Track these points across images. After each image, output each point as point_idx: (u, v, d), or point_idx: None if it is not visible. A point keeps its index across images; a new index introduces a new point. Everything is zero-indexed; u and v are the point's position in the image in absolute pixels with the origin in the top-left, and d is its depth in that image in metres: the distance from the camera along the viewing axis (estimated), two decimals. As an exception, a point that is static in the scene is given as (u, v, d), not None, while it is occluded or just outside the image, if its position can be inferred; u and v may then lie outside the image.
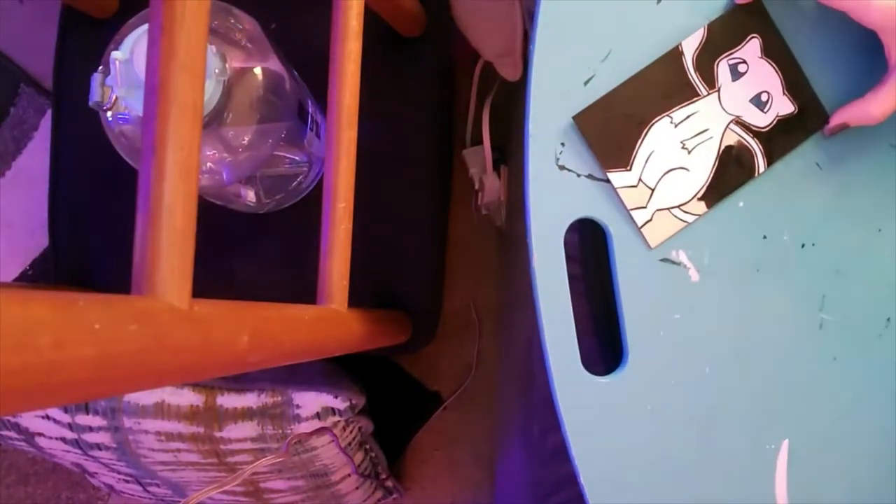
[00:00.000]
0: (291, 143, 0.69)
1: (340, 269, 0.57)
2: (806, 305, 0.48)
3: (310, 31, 0.69)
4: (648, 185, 0.47)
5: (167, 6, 0.35)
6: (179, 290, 0.35)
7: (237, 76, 0.59)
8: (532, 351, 0.62)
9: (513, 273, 0.79)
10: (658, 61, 0.46)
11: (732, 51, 0.47)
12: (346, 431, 0.81)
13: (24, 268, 1.08)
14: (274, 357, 0.46)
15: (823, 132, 0.47)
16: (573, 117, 0.46)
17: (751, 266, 0.47)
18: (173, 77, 0.35)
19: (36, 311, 0.25)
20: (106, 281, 0.83)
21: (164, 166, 0.34)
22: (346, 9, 0.56)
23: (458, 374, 1.07)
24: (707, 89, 0.47)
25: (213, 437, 0.77)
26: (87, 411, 0.78)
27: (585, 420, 0.47)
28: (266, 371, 0.78)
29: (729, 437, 0.47)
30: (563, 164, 0.47)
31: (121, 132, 0.59)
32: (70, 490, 1.19)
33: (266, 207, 0.76)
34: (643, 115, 0.47)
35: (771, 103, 0.47)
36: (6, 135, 1.08)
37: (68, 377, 0.26)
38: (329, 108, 0.57)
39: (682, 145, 0.47)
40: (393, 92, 0.78)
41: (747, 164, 0.47)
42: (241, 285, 0.79)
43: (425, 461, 1.10)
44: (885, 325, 0.48)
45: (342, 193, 0.56)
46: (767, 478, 0.47)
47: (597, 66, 0.46)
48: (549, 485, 0.60)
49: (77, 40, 0.82)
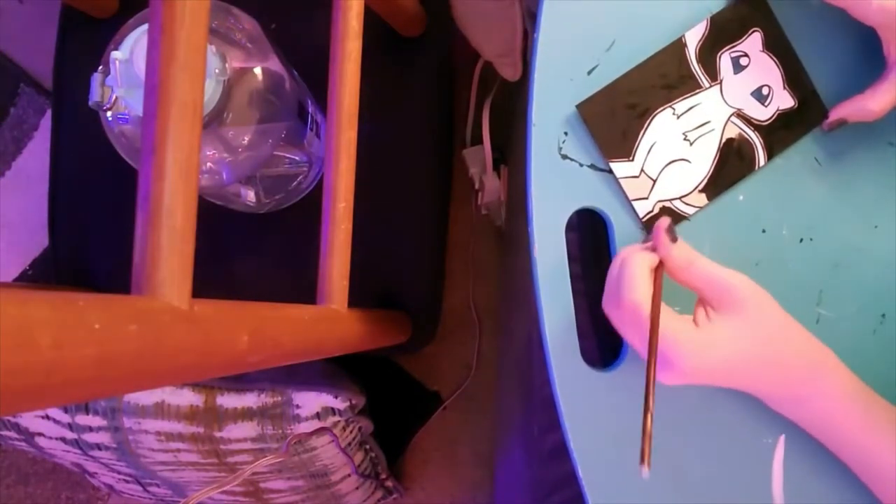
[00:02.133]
0: (291, 143, 0.69)
1: (340, 269, 0.57)
2: (803, 300, 0.48)
3: (310, 31, 0.69)
4: (650, 176, 0.47)
5: (167, 6, 0.35)
6: (179, 290, 0.35)
7: (237, 76, 0.59)
8: (531, 351, 0.62)
9: (513, 273, 0.80)
10: (661, 52, 0.46)
11: (735, 44, 0.47)
12: (346, 431, 0.81)
13: (24, 268, 1.08)
14: (274, 357, 0.46)
15: (822, 127, 0.47)
16: (576, 106, 0.46)
17: (750, 259, 0.47)
18: (173, 77, 0.35)
19: (36, 310, 0.25)
20: (106, 281, 0.83)
21: (164, 166, 0.34)
22: (346, 9, 0.56)
23: (458, 374, 1.07)
24: (709, 81, 0.47)
25: (213, 437, 0.77)
26: (87, 411, 0.78)
27: (584, 413, 0.47)
28: (266, 371, 0.78)
29: (726, 432, 0.47)
30: (566, 154, 0.47)
31: (121, 132, 0.59)
32: (70, 490, 1.19)
33: (266, 207, 0.76)
34: (646, 106, 0.47)
35: (772, 97, 0.47)
36: (6, 135, 1.08)
37: (68, 377, 0.26)
38: (329, 108, 0.57)
39: (683, 137, 0.47)
40: (393, 92, 0.78)
41: (748, 157, 0.47)
42: (241, 285, 0.79)
43: (425, 461, 1.10)
44: (881, 320, 0.48)
45: (342, 193, 0.56)
46: (764, 471, 0.47)
47: (601, 55, 0.46)
48: (549, 484, 0.60)
49: (77, 40, 0.82)
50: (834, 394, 0.41)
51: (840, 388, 0.42)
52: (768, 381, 0.42)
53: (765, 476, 0.47)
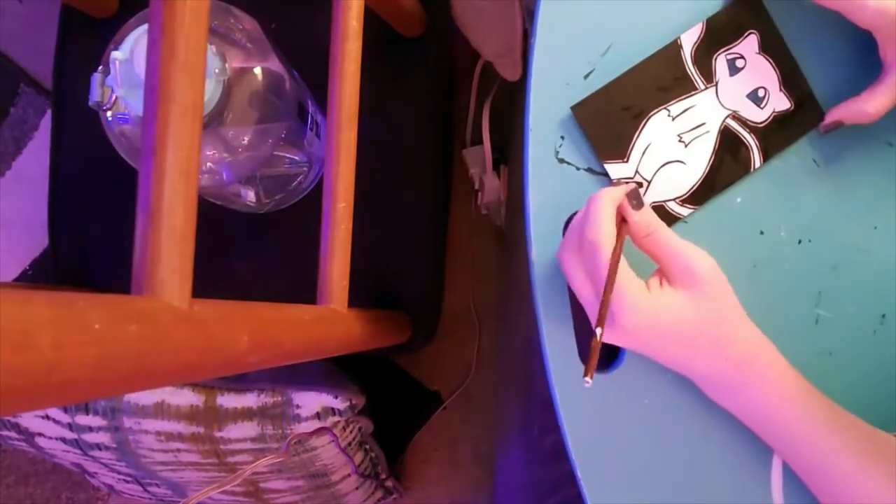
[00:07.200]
0: (291, 143, 0.69)
1: (340, 269, 0.57)
2: (802, 301, 0.48)
3: (310, 31, 0.69)
4: (645, 178, 0.47)
5: (167, 6, 0.35)
6: (179, 290, 0.35)
7: (237, 76, 0.59)
8: (531, 351, 0.62)
9: (512, 273, 0.80)
10: (657, 54, 0.46)
11: (730, 46, 0.47)
12: (346, 431, 0.81)
13: (24, 268, 1.08)
14: (274, 357, 0.46)
15: (818, 129, 0.47)
16: (571, 107, 0.46)
17: (748, 261, 0.47)
18: (173, 77, 0.35)
19: (36, 310, 0.25)
20: (106, 281, 0.83)
21: (164, 166, 0.35)
22: (346, 9, 0.56)
23: (458, 373, 1.07)
24: (705, 83, 0.47)
25: (213, 437, 0.77)
26: (87, 411, 0.78)
27: (582, 414, 0.47)
28: (266, 371, 0.78)
29: (725, 431, 0.47)
30: (563, 158, 0.47)
31: (121, 132, 0.60)
32: (70, 490, 1.19)
33: (266, 207, 0.76)
34: (641, 108, 0.47)
35: (768, 99, 0.47)
36: (6, 135, 1.08)
37: (68, 377, 0.26)
38: (329, 108, 0.57)
39: (678, 138, 0.47)
40: (393, 92, 0.78)
41: (743, 159, 0.47)
42: (241, 285, 0.79)
43: (425, 461, 1.10)
44: (881, 321, 0.48)
45: (342, 193, 0.56)
46: (764, 471, 0.47)
47: (597, 60, 0.47)
48: (549, 484, 0.60)
49: (77, 40, 0.82)
50: (771, 382, 0.42)
51: (777, 378, 0.42)
52: (704, 361, 0.42)
53: (764, 476, 0.47)
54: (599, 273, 0.39)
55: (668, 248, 0.41)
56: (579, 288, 0.42)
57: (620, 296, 0.39)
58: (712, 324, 0.41)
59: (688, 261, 0.41)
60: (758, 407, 0.43)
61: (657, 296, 0.40)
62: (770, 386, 0.42)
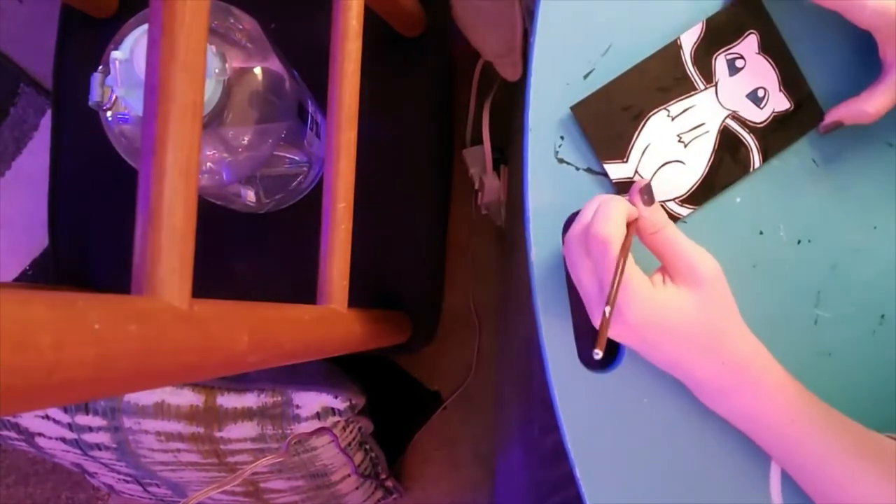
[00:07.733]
0: (291, 143, 0.69)
1: (340, 268, 0.57)
2: (802, 301, 0.48)
3: (310, 31, 0.69)
4: (644, 178, 0.47)
5: (167, 6, 0.35)
6: (179, 290, 0.35)
7: (237, 76, 0.59)
8: (531, 351, 0.62)
9: (512, 273, 0.80)
10: (656, 54, 0.46)
11: (730, 46, 0.47)
12: (346, 431, 0.81)
13: (24, 268, 1.08)
14: (274, 357, 0.46)
15: (818, 130, 0.47)
16: (571, 107, 0.46)
17: (747, 261, 0.48)
18: (173, 77, 0.35)
19: (36, 311, 0.25)
20: (106, 281, 0.83)
21: (164, 166, 0.35)
22: (346, 9, 0.56)
23: (458, 374, 1.07)
24: (704, 83, 0.47)
25: (213, 437, 0.77)
26: (87, 411, 0.78)
27: (582, 414, 0.47)
28: (266, 371, 0.78)
29: (724, 431, 0.47)
30: (563, 158, 0.47)
31: (121, 132, 0.60)
32: (70, 490, 1.19)
33: (266, 207, 0.76)
34: (640, 108, 0.47)
35: (767, 99, 0.47)
36: (6, 135, 1.08)
37: (68, 377, 0.26)
38: (329, 108, 0.57)
39: (678, 139, 0.47)
40: (393, 92, 0.78)
41: (743, 159, 0.47)
42: (241, 285, 0.80)
43: (425, 461, 1.10)
44: (880, 321, 0.48)
45: (342, 193, 0.56)
46: (763, 471, 0.47)
47: (597, 60, 0.47)
48: (549, 485, 0.60)
49: (77, 40, 0.82)
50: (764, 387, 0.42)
51: (770, 383, 0.42)
52: (698, 362, 0.42)
53: (763, 476, 0.47)
54: (607, 267, 0.40)
55: (675, 247, 0.41)
56: (583, 283, 0.42)
57: (627, 289, 0.40)
58: (710, 325, 0.41)
59: (693, 260, 0.41)
60: (751, 411, 0.43)
61: (661, 292, 0.41)
62: (763, 390, 0.42)
